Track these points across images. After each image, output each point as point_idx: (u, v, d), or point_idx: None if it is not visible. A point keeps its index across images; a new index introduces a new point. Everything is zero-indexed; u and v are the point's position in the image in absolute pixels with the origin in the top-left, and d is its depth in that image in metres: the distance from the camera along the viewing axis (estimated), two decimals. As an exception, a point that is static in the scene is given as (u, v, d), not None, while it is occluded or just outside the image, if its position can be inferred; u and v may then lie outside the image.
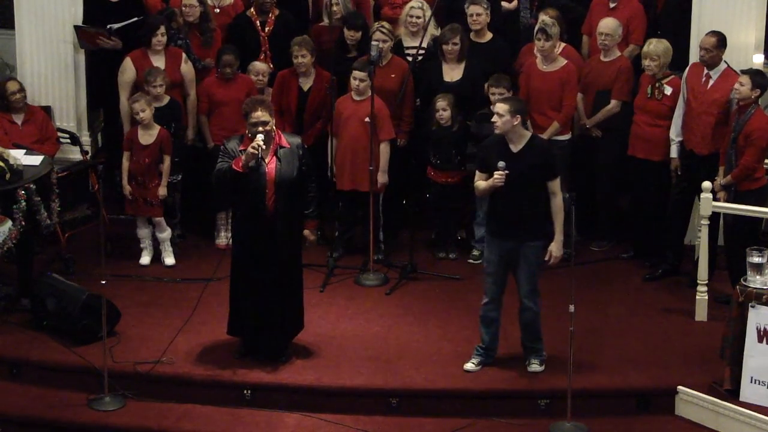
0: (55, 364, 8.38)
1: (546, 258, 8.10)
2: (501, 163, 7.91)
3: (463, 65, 9.96)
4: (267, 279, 8.20)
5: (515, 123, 7.98)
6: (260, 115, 8.05)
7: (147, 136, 9.66)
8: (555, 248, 8.09)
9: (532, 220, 8.02)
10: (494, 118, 8.02)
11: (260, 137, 7.99)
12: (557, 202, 8.07)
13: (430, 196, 10.10)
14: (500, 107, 7.99)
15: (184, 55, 10.15)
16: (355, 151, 9.69)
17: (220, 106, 10.03)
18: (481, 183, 8.10)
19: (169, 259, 9.88)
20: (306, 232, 8.37)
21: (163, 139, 9.67)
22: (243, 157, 8.01)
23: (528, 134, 8.10)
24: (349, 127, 9.72)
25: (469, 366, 8.25)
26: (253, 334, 8.35)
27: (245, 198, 8.13)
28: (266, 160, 8.10)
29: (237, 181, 8.07)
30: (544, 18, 9.80)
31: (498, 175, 7.91)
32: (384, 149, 9.75)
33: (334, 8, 10.35)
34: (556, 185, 8.06)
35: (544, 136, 9.77)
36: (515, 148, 8.03)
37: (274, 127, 8.18)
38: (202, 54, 10.34)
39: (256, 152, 7.97)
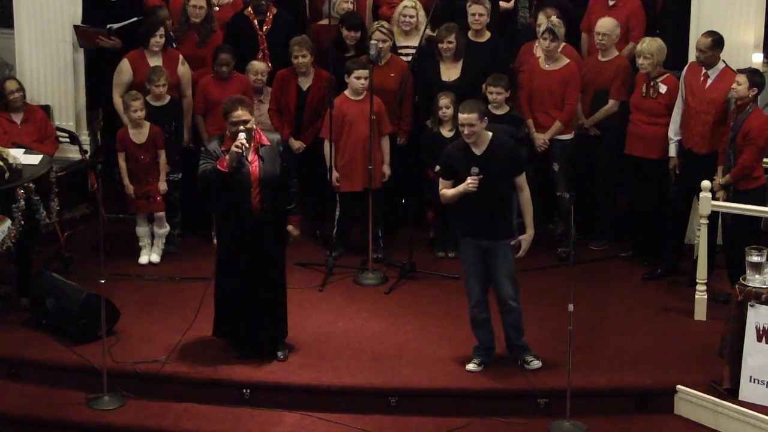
0: (54, 364, 8.38)
1: (517, 254, 8.11)
2: (474, 169, 7.89)
3: (460, 65, 9.96)
4: (254, 277, 8.19)
5: (484, 126, 7.98)
6: (241, 114, 8.04)
7: (140, 135, 9.68)
8: (526, 242, 8.11)
9: (503, 217, 8.05)
10: (466, 131, 7.95)
11: (242, 136, 7.99)
12: (525, 196, 8.10)
13: (430, 195, 10.10)
14: (470, 117, 7.91)
15: (181, 57, 10.15)
16: (365, 149, 9.67)
17: (216, 106, 9.99)
18: (447, 191, 8.08)
19: (156, 257, 9.87)
20: (290, 227, 8.36)
21: (155, 135, 9.68)
22: (227, 157, 8.00)
23: (489, 135, 8.07)
24: (357, 128, 9.70)
25: (471, 367, 8.25)
26: (244, 334, 8.34)
27: (230, 198, 8.12)
28: (249, 160, 8.09)
29: (223, 182, 8.06)
30: (552, 19, 9.79)
31: (471, 181, 7.89)
32: (386, 142, 9.80)
33: (343, 6, 10.35)
34: (522, 180, 8.09)
35: (547, 135, 9.80)
36: (479, 150, 8.02)
37: (254, 126, 8.17)
38: (196, 53, 10.34)
39: (240, 151, 7.96)
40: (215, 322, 8.43)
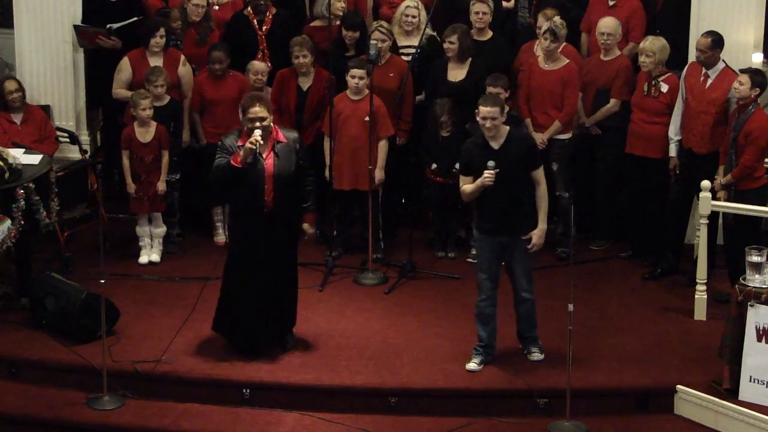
0: (54, 363, 8.38)
1: (528, 246, 8.11)
2: (491, 163, 7.91)
3: (467, 65, 9.96)
4: (265, 275, 8.20)
5: (503, 119, 8.01)
6: (258, 110, 8.06)
7: (146, 134, 9.68)
8: (537, 236, 8.10)
9: (523, 212, 8.05)
10: (488, 124, 7.98)
11: (258, 133, 8.00)
12: (541, 191, 8.11)
13: (430, 195, 10.10)
14: (492, 111, 7.95)
15: (182, 57, 10.16)
16: (355, 150, 9.69)
17: (212, 105, 10.04)
18: (468, 186, 8.10)
19: (156, 256, 9.87)
20: (305, 225, 8.39)
21: (161, 134, 9.69)
22: (241, 153, 8.02)
23: (506, 129, 8.11)
24: (349, 127, 9.72)
25: (471, 366, 8.24)
26: (246, 330, 8.35)
27: (244, 194, 8.13)
28: (264, 156, 8.10)
29: (235, 177, 8.07)
30: (555, 19, 9.79)
31: (488, 174, 7.91)
32: (383, 146, 9.78)
33: (337, 5, 10.36)
34: (539, 174, 8.10)
35: (545, 135, 9.79)
36: (497, 144, 8.04)
37: (271, 123, 8.18)
38: (197, 52, 10.35)
39: (254, 147, 7.97)
40: (216, 316, 8.43)
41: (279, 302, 8.33)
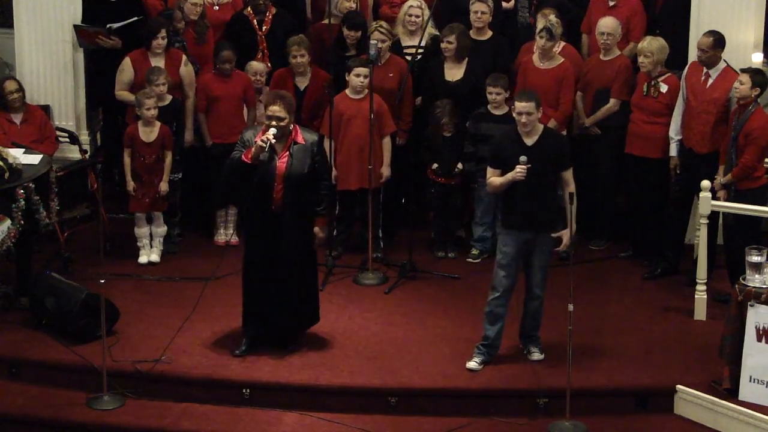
0: (53, 363, 8.38)
1: (558, 248, 8.12)
2: (523, 158, 7.91)
3: (464, 65, 9.96)
4: (276, 272, 8.22)
5: (540, 116, 8.02)
6: (276, 109, 8.08)
7: (150, 134, 9.68)
8: (567, 236, 8.13)
9: (550, 210, 8.06)
10: (523, 119, 7.98)
11: (272, 131, 8.02)
12: (570, 191, 8.09)
13: (430, 195, 10.09)
14: (528, 106, 7.95)
15: (184, 57, 10.16)
16: (361, 149, 9.68)
17: (217, 103, 10.04)
18: (495, 179, 8.10)
19: (155, 256, 9.88)
20: (316, 229, 8.39)
21: (164, 135, 9.69)
22: (252, 149, 8.03)
23: (541, 126, 8.11)
24: (354, 126, 9.72)
25: (471, 365, 8.24)
26: (263, 325, 8.37)
27: (254, 191, 8.14)
28: (279, 155, 8.11)
29: (246, 173, 8.08)
30: (551, 18, 9.80)
31: (520, 169, 7.91)
32: (387, 143, 9.80)
33: (345, 5, 10.35)
34: (569, 175, 8.11)
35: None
36: (530, 141, 8.04)
37: (291, 124, 8.17)
38: (196, 50, 10.35)
39: (264, 145, 7.98)
40: (243, 314, 8.46)
41: (293, 298, 8.34)
